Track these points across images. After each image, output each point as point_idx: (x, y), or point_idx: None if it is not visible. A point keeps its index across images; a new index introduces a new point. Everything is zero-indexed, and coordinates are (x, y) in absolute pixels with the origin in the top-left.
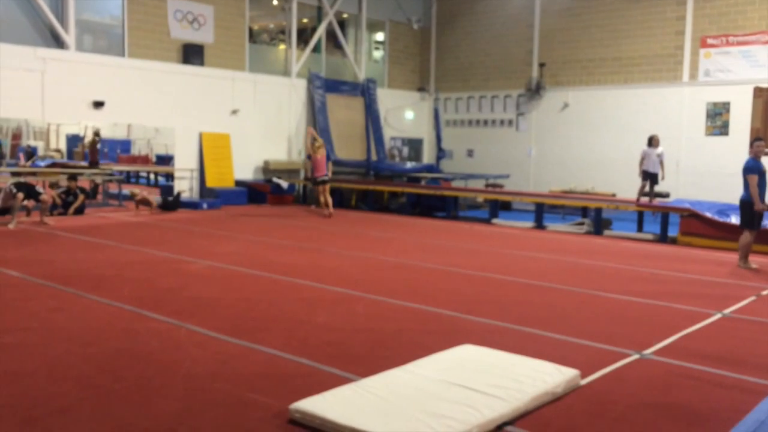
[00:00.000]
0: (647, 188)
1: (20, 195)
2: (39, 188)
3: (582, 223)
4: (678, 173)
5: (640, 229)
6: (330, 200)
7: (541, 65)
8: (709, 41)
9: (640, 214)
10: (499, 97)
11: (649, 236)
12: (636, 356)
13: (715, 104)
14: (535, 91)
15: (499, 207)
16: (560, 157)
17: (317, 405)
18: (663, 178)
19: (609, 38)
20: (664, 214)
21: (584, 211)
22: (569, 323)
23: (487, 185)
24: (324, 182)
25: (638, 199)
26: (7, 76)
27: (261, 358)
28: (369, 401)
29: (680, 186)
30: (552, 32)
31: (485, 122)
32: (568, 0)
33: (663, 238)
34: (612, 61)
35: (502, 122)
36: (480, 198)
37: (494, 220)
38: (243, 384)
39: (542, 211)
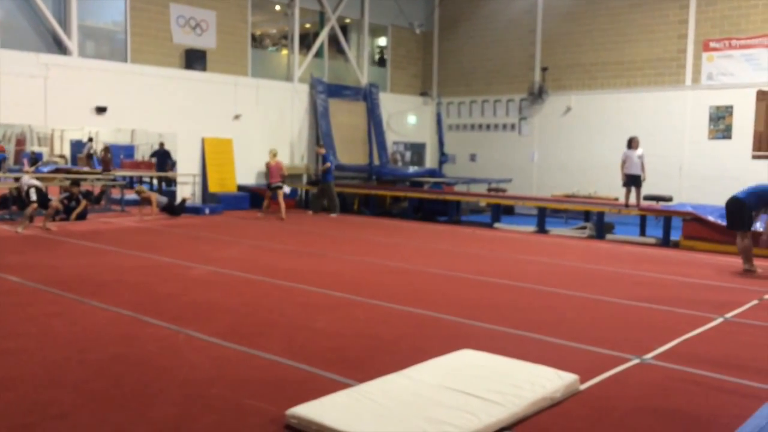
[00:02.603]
0: (633, 192)
1: (35, 205)
2: (50, 196)
3: (584, 228)
4: (681, 177)
5: (642, 233)
6: (283, 205)
7: (544, 69)
8: (712, 45)
9: (643, 218)
10: (501, 101)
11: (652, 240)
12: (636, 361)
13: (718, 108)
14: (537, 95)
15: (502, 211)
16: (563, 162)
17: (314, 410)
18: (644, 179)
19: (611, 42)
20: (667, 218)
21: (586, 216)
22: (570, 328)
23: (490, 189)
24: (278, 188)
25: (627, 204)
26: (10, 81)
27: (259, 364)
28: (366, 406)
29: (683, 189)
30: (554, 36)
31: (488, 126)
32: (571, 4)
33: (665, 242)
34: (614, 65)
35: (504, 126)
36: (482, 202)
37: (496, 225)
38: (240, 389)
39: (544, 216)
